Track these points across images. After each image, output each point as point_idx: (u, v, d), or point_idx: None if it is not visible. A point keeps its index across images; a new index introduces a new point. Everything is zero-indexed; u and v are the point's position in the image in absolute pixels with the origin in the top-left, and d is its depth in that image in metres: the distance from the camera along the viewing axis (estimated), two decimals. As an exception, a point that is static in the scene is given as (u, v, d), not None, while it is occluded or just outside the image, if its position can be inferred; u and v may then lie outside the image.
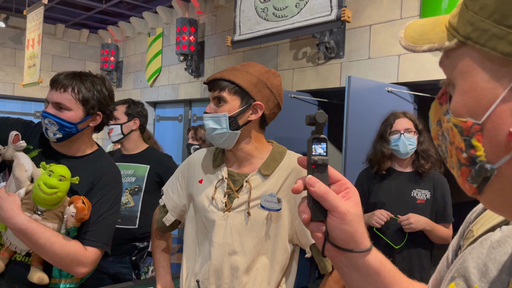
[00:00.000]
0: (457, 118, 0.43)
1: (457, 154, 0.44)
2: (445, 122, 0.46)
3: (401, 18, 3.56)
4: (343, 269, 0.61)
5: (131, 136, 2.42)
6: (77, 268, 1.33)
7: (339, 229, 0.57)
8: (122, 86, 7.61)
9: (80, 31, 7.84)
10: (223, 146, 1.31)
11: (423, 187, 2.14)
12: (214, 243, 1.26)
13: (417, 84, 3.48)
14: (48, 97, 1.42)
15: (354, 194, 0.60)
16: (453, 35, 0.44)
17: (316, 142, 0.61)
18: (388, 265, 0.61)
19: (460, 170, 0.44)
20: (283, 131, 3.85)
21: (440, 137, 0.48)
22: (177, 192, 1.43)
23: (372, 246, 0.60)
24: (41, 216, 1.34)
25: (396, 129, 2.16)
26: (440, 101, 0.48)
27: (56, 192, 1.30)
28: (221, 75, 1.27)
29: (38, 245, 1.29)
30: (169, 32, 6.46)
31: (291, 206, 1.26)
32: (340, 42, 3.99)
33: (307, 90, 4.30)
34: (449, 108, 0.45)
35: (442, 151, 0.49)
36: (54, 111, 1.40)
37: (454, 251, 0.62)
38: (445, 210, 2.14)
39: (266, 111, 1.29)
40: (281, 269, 1.27)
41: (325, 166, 0.60)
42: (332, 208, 0.57)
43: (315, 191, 0.57)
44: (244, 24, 4.28)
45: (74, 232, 1.37)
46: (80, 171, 1.41)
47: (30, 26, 5.82)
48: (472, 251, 0.53)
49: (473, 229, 0.58)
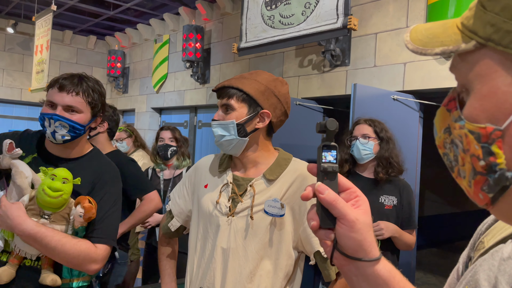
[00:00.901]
0: (474, 124, 0.41)
1: (472, 162, 0.42)
2: (456, 129, 0.44)
3: (407, 27, 3.56)
4: (351, 278, 0.60)
5: (98, 138, 2.42)
6: (89, 265, 1.37)
7: (348, 237, 0.56)
8: (128, 92, 7.66)
9: (88, 38, 7.92)
10: (231, 153, 1.32)
11: (390, 193, 2.14)
12: (218, 248, 1.26)
13: (422, 92, 3.48)
14: (58, 100, 1.42)
15: (364, 203, 0.59)
16: (469, 37, 0.42)
17: (326, 149, 0.60)
18: (398, 276, 0.60)
19: (474, 179, 0.42)
20: (288, 138, 3.85)
21: (448, 145, 0.46)
22: (183, 198, 1.44)
23: (381, 255, 0.59)
24: (48, 219, 1.36)
25: (354, 135, 2.21)
26: (448, 107, 0.46)
27: (62, 195, 1.33)
28: (229, 83, 1.28)
29: (50, 248, 1.31)
30: (176, 39, 6.50)
31: (295, 213, 1.25)
32: (346, 50, 3.99)
33: (312, 97, 4.31)
34: (461, 114, 0.43)
35: (448, 160, 0.47)
36: (66, 113, 1.43)
37: (464, 263, 0.61)
38: (411, 217, 2.15)
39: (273, 119, 1.30)
40: (285, 276, 1.26)
41: (334, 174, 0.59)
42: (341, 215, 0.56)
43: (324, 198, 0.56)
44: (250, 32, 4.31)
45: (83, 232, 1.41)
46: (79, 172, 1.43)
47: (38, 32, 5.89)
48: (483, 263, 0.51)
49: (484, 241, 0.56)
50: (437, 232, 7.24)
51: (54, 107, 1.43)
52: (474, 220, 4.23)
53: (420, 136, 3.58)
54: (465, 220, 7.58)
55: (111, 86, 8.08)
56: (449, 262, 6.25)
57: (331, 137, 0.61)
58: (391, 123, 3.21)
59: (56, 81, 1.45)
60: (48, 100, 1.44)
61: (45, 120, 1.42)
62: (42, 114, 1.43)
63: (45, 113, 1.42)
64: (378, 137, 2.18)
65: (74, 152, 1.51)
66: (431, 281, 5.22)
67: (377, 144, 2.16)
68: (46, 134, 1.44)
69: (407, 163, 3.40)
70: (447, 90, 1.88)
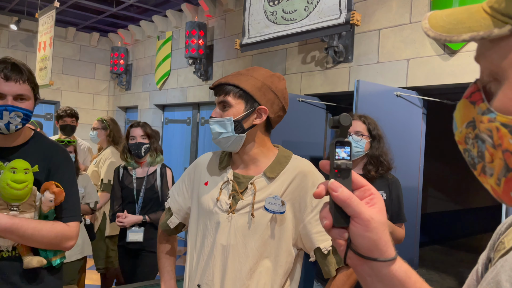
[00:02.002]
0: (508, 117, 0.38)
1: (505, 158, 0.39)
2: (484, 123, 0.41)
3: (410, 23, 3.54)
4: (365, 278, 0.58)
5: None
6: (66, 243, 1.48)
7: (363, 237, 0.54)
8: (131, 89, 7.66)
9: (91, 34, 7.92)
10: (230, 150, 1.31)
11: (378, 187, 2.13)
12: (218, 244, 1.26)
13: (426, 88, 3.46)
14: (7, 91, 1.41)
15: (379, 201, 0.57)
16: (503, 21, 0.39)
17: (340, 145, 0.58)
18: (414, 276, 0.57)
19: (506, 177, 0.39)
20: (291, 135, 3.85)
21: (471, 140, 0.43)
22: (182, 195, 1.44)
23: (397, 255, 0.57)
24: (17, 210, 1.40)
25: None
26: (472, 100, 0.43)
27: (27, 185, 1.38)
28: (226, 79, 1.28)
29: (27, 236, 1.37)
30: (178, 36, 6.50)
31: (295, 210, 1.25)
32: (349, 46, 3.98)
33: (315, 94, 4.29)
34: (490, 107, 0.40)
35: (470, 157, 0.44)
36: (16, 103, 1.43)
37: (484, 264, 0.58)
38: (400, 210, 2.16)
39: (271, 115, 1.29)
40: (285, 273, 1.26)
41: (348, 171, 0.57)
42: (355, 214, 0.54)
43: (337, 196, 0.54)
44: (253, 28, 4.30)
45: (53, 214, 1.48)
46: (29, 158, 1.44)
47: (42, 29, 5.90)
48: (504, 263, 0.49)
49: (505, 241, 0.54)
50: (440, 229, 7.23)
51: (1, 98, 1.42)
52: (477, 217, 4.25)
53: (424, 133, 3.56)
54: (468, 217, 7.57)
55: (114, 83, 8.09)
56: (451, 259, 6.24)
57: (344, 133, 0.59)
58: (394, 120, 3.21)
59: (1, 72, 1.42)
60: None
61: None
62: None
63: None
64: (370, 135, 2.17)
65: (19, 139, 1.51)
66: (433, 278, 5.21)
67: (368, 142, 2.15)
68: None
69: (410, 160, 3.40)
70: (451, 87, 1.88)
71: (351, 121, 0.59)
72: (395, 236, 2.11)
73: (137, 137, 2.91)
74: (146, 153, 2.93)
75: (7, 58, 1.49)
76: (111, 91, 8.25)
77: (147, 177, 2.93)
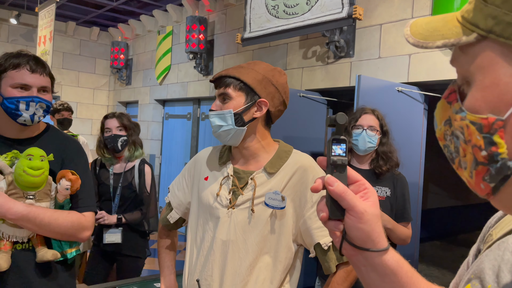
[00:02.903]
0: (475, 115, 0.42)
1: (473, 153, 0.43)
2: (457, 121, 0.44)
3: (412, 17, 3.52)
4: (360, 268, 0.62)
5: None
6: (82, 233, 1.47)
7: (357, 228, 0.58)
8: (131, 84, 7.65)
9: (91, 29, 7.90)
10: (230, 143, 1.30)
11: (383, 184, 2.11)
12: (218, 240, 1.25)
13: (427, 84, 3.44)
14: (32, 82, 1.41)
15: (373, 195, 0.60)
16: (470, 29, 0.43)
17: (336, 143, 0.62)
18: (406, 266, 0.61)
19: (476, 170, 0.43)
20: (292, 131, 3.84)
21: (448, 137, 0.47)
22: (182, 190, 1.44)
23: (389, 246, 0.60)
24: (33, 199, 1.39)
25: (360, 124, 2.12)
26: (449, 100, 0.47)
27: (43, 172, 1.38)
28: (227, 72, 1.27)
29: (44, 224, 1.36)
30: (179, 30, 6.47)
31: (295, 205, 1.25)
32: (350, 41, 3.96)
33: (316, 89, 4.28)
34: (462, 106, 0.44)
35: (449, 152, 0.48)
36: (40, 94, 1.44)
37: (474, 255, 0.62)
38: (405, 209, 2.11)
39: (271, 108, 1.28)
40: (284, 269, 1.26)
41: (344, 167, 0.61)
42: (349, 207, 0.58)
43: (333, 190, 0.58)
44: (254, 22, 4.28)
45: (69, 204, 1.47)
46: (44, 149, 1.44)
47: (41, 23, 5.87)
48: (489, 253, 0.53)
49: (493, 233, 0.58)
50: (440, 225, 7.23)
51: (27, 90, 1.41)
52: (477, 213, 4.23)
53: (425, 128, 3.55)
54: (468, 213, 7.57)
55: (115, 78, 8.07)
56: (452, 255, 6.24)
57: (340, 131, 0.63)
58: (396, 115, 3.19)
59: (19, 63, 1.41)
60: (18, 82, 1.40)
61: (20, 104, 1.39)
62: (17, 98, 1.39)
63: (22, 97, 1.40)
64: (381, 130, 2.15)
65: (34, 131, 1.51)
66: (434, 273, 5.22)
67: (379, 138, 2.13)
68: (21, 118, 1.41)
69: (411, 156, 3.39)
70: (453, 81, 1.81)
71: (347, 120, 0.64)
72: (398, 234, 2.03)
73: (112, 129, 2.66)
74: (124, 147, 2.68)
75: (23, 51, 1.49)
76: (111, 86, 8.23)
77: (124, 174, 2.70)
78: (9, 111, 1.40)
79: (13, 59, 1.41)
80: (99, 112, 8.02)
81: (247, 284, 1.22)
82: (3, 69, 1.40)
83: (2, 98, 1.40)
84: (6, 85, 1.40)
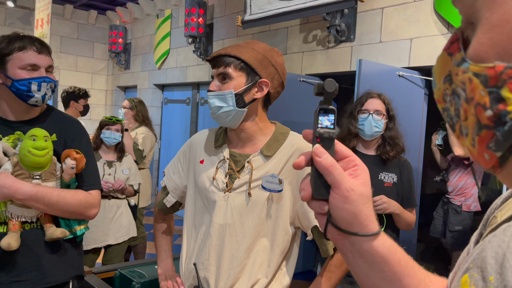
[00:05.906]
0: (480, 65, 0.33)
1: (476, 113, 0.33)
2: (459, 75, 0.35)
3: (414, 1, 3.46)
4: (347, 254, 0.55)
5: None
6: (90, 211, 1.49)
7: (341, 209, 0.51)
8: (130, 68, 7.58)
9: (89, 12, 7.79)
10: (229, 125, 1.27)
11: (389, 170, 2.08)
12: (214, 224, 1.24)
13: (429, 68, 3.40)
14: (40, 63, 1.41)
15: (363, 173, 0.53)
16: None
17: (323, 113, 0.54)
18: (399, 254, 0.54)
19: (479, 135, 0.34)
20: (291, 115, 3.81)
21: (449, 97, 0.38)
22: (178, 173, 1.42)
23: (380, 230, 0.53)
24: (40, 179, 1.40)
25: (366, 108, 2.08)
26: (450, 51, 0.38)
27: (48, 152, 1.38)
28: (226, 51, 1.23)
29: (52, 203, 1.37)
30: (178, 14, 6.38)
31: (293, 188, 1.23)
32: (351, 25, 3.90)
33: (316, 74, 4.24)
34: (465, 56, 0.35)
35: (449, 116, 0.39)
36: (47, 74, 1.44)
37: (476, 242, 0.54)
38: (411, 195, 2.10)
39: (270, 89, 1.25)
40: (282, 252, 1.25)
41: (331, 140, 0.53)
42: (335, 184, 0.51)
43: (320, 162, 0.51)
44: (255, 4, 4.22)
45: (75, 183, 1.48)
46: (47, 129, 1.43)
47: (39, 6, 5.79)
48: (492, 239, 0.44)
49: (498, 215, 0.49)
50: (439, 211, 7.25)
51: (35, 70, 1.41)
52: (477, 198, 4.08)
53: (425, 114, 3.52)
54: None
55: (113, 62, 8.00)
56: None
57: (329, 100, 0.55)
58: (396, 100, 3.16)
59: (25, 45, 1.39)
60: (27, 63, 1.39)
61: (32, 85, 1.39)
62: (28, 79, 1.38)
63: (34, 78, 1.39)
64: (388, 115, 2.11)
65: (36, 112, 1.50)
66: (431, 259, 5.25)
67: (385, 122, 2.10)
68: (32, 99, 1.40)
69: (411, 141, 3.37)
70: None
71: (336, 87, 0.55)
72: (405, 220, 2.04)
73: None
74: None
75: (19, 33, 1.47)
76: (110, 71, 8.16)
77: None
78: (20, 93, 1.39)
79: (17, 42, 1.40)
80: (97, 97, 7.97)
81: (245, 267, 1.22)
82: (8, 51, 1.39)
83: (12, 81, 1.38)
84: (13, 67, 1.38)
